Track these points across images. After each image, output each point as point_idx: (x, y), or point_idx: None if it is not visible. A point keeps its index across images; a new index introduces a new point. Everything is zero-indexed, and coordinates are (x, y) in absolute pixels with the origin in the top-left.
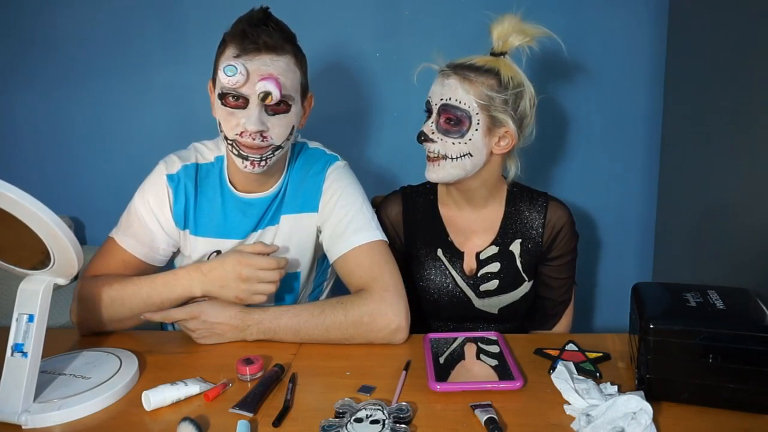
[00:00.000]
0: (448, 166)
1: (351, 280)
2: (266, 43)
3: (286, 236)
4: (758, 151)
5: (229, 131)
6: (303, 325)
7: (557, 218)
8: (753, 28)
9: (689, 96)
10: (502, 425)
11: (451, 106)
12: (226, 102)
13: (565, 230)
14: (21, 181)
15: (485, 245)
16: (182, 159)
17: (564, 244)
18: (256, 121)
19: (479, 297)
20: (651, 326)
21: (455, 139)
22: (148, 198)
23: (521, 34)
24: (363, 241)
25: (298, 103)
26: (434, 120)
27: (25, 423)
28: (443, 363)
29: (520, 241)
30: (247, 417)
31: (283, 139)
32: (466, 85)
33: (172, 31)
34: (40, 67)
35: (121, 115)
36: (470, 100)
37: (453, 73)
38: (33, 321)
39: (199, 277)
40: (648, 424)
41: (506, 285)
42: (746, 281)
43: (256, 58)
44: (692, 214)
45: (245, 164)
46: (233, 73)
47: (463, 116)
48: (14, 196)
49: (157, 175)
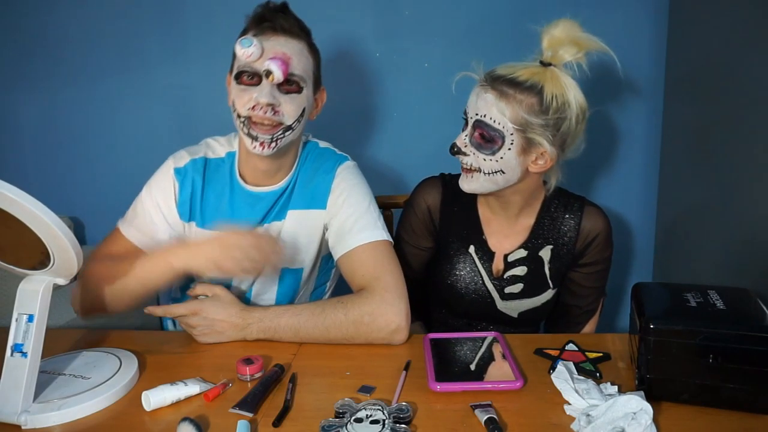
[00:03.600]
0: (482, 179)
1: (353, 278)
2: (282, 26)
3: (292, 232)
4: (758, 151)
5: (242, 107)
6: (303, 324)
7: (592, 225)
8: (753, 28)
9: (689, 96)
10: (502, 425)
11: (484, 123)
12: (241, 80)
13: (601, 238)
14: (21, 181)
15: (514, 248)
16: (191, 153)
17: (597, 252)
18: (267, 95)
19: (503, 299)
20: (651, 326)
21: (487, 156)
22: (154, 191)
23: (574, 46)
24: (368, 239)
25: (310, 89)
26: (468, 133)
27: (24, 423)
28: (443, 363)
29: (551, 248)
30: (247, 417)
31: (293, 118)
32: (503, 103)
33: (172, 32)
34: (40, 68)
35: (122, 115)
36: (505, 121)
37: (491, 88)
38: (33, 321)
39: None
40: (648, 424)
41: (530, 290)
42: (746, 281)
43: (272, 38)
44: (692, 214)
45: (254, 145)
46: (248, 44)
47: (496, 136)
48: (14, 196)
49: (165, 169)
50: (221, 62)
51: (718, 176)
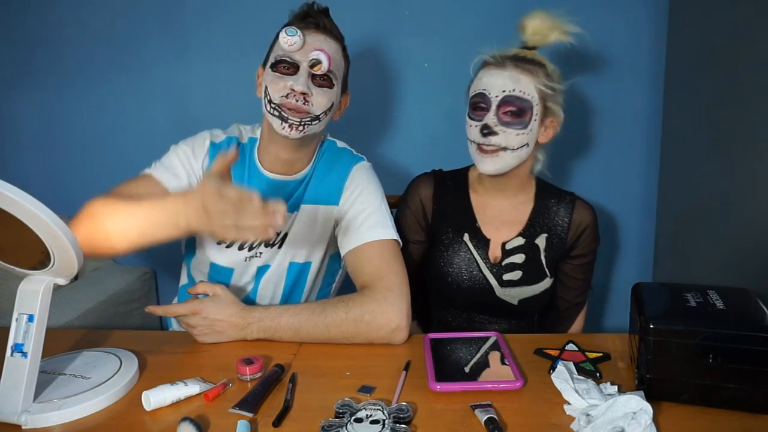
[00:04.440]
0: (507, 156)
1: (358, 275)
2: (325, 25)
3: (304, 225)
4: (759, 150)
5: (276, 93)
6: (304, 323)
7: (583, 217)
8: (753, 28)
9: (689, 95)
10: (502, 425)
11: (514, 97)
12: (278, 69)
13: (589, 230)
14: (21, 181)
15: (512, 236)
16: (227, 132)
17: (587, 244)
18: (303, 84)
19: (501, 286)
20: (651, 326)
21: (518, 130)
22: (184, 148)
23: (556, 30)
24: (377, 237)
25: (339, 89)
26: (494, 113)
27: (24, 423)
28: (443, 363)
29: (546, 236)
30: (247, 417)
31: (322, 110)
32: (525, 76)
33: (172, 32)
34: (40, 68)
35: (122, 115)
36: (532, 92)
37: (511, 65)
38: (33, 321)
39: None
40: (648, 424)
41: (529, 277)
42: (746, 281)
43: (314, 34)
44: (693, 214)
45: (284, 126)
46: (293, 33)
47: (527, 107)
48: (14, 196)
49: (200, 138)
50: (221, 63)
51: (718, 176)
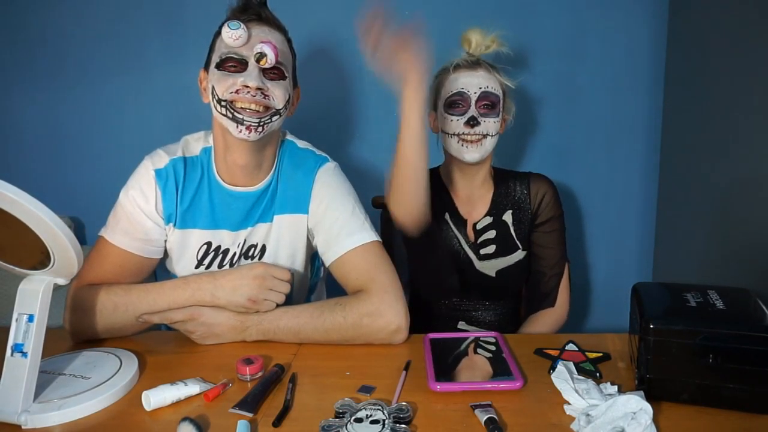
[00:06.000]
0: (488, 143)
1: (347, 282)
2: (267, 16)
3: (279, 236)
4: (758, 150)
5: (224, 91)
6: (302, 327)
7: (539, 186)
8: (753, 28)
9: (689, 96)
10: (502, 425)
11: (489, 92)
12: (225, 67)
13: (549, 195)
14: (21, 181)
15: (480, 216)
16: (169, 153)
17: (549, 209)
18: (256, 78)
19: (479, 259)
20: (651, 326)
21: (494, 119)
22: (134, 194)
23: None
24: (357, 243)
25: (290, 81)
26: (474, 105)
27: (24, 423)
28: (443, 363)
29: (511, 212)
30: (247, 417)
31: (282, 103)
32: (492, 75)
33: (173, 33)
34: (41, 69)
35: (122, 115)
36: (498, 86)
37: (480, 66)
38: (33, 321)
39: (209, 280)
40: (648, 424)
41: (503, 250)
42: (746, 281)
43: (257, 26)
44: (692, 214)
45: (240, 129)
46: (237, 27)
47: (497, 100)
48: (14, 196)
49: (143, 170)
50: None
51: (718, 176)
